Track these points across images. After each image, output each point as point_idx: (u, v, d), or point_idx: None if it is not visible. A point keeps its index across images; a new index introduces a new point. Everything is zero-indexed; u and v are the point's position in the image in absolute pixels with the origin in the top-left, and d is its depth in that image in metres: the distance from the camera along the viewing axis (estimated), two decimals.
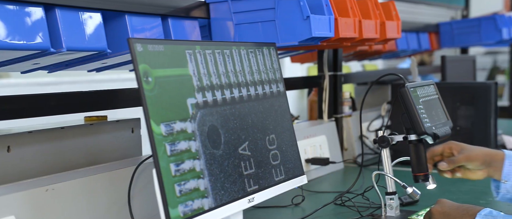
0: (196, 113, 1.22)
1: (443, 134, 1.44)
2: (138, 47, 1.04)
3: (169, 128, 1.14)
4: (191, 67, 1.24)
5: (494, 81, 2.15)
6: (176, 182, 1.13)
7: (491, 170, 1.45)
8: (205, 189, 1.21)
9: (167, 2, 1.48)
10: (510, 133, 3.09)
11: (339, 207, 1.69)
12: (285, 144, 1.55)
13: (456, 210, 1.34)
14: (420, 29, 3.33)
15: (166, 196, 1.07)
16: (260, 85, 1.48)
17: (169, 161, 1.12)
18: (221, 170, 1.27)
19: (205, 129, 1.25)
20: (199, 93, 1.25)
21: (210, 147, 1.25)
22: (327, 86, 2.34)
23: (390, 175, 1.50)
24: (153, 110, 1.10)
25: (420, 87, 1.48)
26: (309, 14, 1.55)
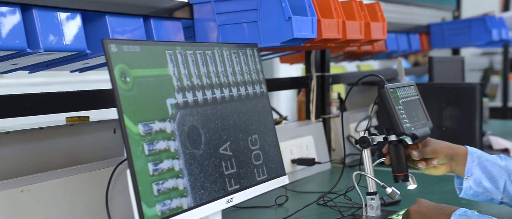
0: (176, 113, 1.23)
1: (422, 134, 1.45)
2: (112, 47, 1.05)
3: (148, 128, 1.15)
4: (171, 68, 1.25)
5: (479, 82, 2.16)
6: (154, 181, 1.14)
7: (454, 164, 1.47)
8: (184, 189, 1.22)
9: (149, 2, 1.49)
10: (502, 133, 3.11)
11: (322, 207, 1.70)
12: (268, 144, 1.56)
13: (432, 210, 1.35)
14: (411, 30, 3.35)
15: (140, 196, 1.07)
16: (242, 86, 1.49)
17: (147, 160, 1.13)
18: (201, 170, 1.28)
19: (185, 129, 1.25)
20: (179, 93, 1.26)
21: (190, 147, 1.26)
22: (315, 87, 2.35)
23: (370, 175, 1.52)
24: (131, 109, 1.11)
25: (400, 88, 1.49)
26: (291, 15, 1.56)
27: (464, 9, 5.39)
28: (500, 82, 5.84)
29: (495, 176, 1.46)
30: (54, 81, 3.70)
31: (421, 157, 1.45)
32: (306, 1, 1.66)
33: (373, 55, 3.17)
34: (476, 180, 1.46)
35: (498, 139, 2.51)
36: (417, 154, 1.45)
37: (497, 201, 1.48)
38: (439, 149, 1.45)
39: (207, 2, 1.63)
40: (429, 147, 1.46)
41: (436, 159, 1.46)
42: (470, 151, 1.48)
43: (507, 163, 1.47)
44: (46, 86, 3.68)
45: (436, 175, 1.51)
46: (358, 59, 3.21)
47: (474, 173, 1.46)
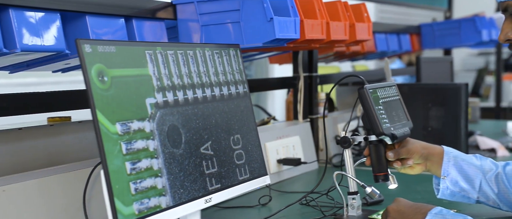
0: (155, 112, 1.24)
1: (402, 135, 1.46)
2: (86, 48, 1.06)
3: (126, 127, 1.15)
4: (151, 68, 1.25)
5: (464, 83, 2.17)
6: (132, 180, 1.15)
7: (429, 164, 1.49)
8: (163, 187, 1.23)
9: (130, 3, 1.50)
10: (492, 133, 3.13)
11: (305, 207, 1.71)
12: (250, 144, 1.57)
13: (410, 208, 1.36)
14: (401, 30, 3.36)
15: (113, 195, 1.08)
16: (225, 86, 1.50)
17: (124, 159, 1.14)
18: (181, 169, 1.29)
19: (165, 128, 1.26)
20: (159, 93, 1.26)
21: (170, 146, 1.27)
22: (302, 87, 2.36)
23: (350, 175, 1.52)
24: (108, 109, 1.12)
25: (380, 88, 1.50)
26: (273, 16, 1.56)
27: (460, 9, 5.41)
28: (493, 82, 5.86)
29: (471, 176, 1.47)
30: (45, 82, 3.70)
31: (396, 157, 1.46)
32: (289, 2, 1.67)
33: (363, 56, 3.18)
34: (452, 180, 1.48)
35: (485, 139, 2.52)
36: (392, 155, 1.46)
37: (473, 200, 1.49)
38: (414, 149, 1.46)
39: (190, 2, 1.64)
40: (404, 147, 1.47)
41: (411, 159, 1.48)
42: (446, 151, 1.49)
43: (482, 162, 1.48)
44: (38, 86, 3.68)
45: (412, 174, 1.52)
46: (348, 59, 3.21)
47: (451, 173, 1.48)
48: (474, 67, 7.02)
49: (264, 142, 2.06)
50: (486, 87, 6.56)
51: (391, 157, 1.46)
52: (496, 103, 5.48)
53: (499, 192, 1.46)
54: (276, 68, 5.65)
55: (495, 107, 5.51)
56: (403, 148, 1.48)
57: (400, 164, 1.48)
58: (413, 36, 3.47)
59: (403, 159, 1.48)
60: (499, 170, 1.47)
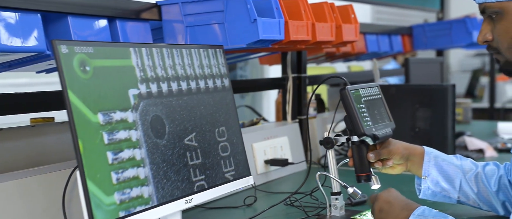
0: (138, 103, 1.26)
1: (383, 135, 1.47)
2: (62, 48, 1.06)
3: (108, 117, 1.17)
4: (134, 59, 1.27)
5: (451, 84, 2.18)
6: (113, 170, 1.16)
7: (410, 164, 1.50)
8: (145, 178, 1.24)
9: (114, 3, 1.50)
10: (483, 134, 3.14)
11: (290, 207, 1.71)
12: (236, 137, 1.58)
13: (399, 202, 1.37)
14: (393, 31, 3.37)
15: (87, 183, 1.09)
16: (210, 78, 1.51)
17: (106, 149, 1.15)
18: (164, 159, 1.30)
19: (148, 118, 1.28)
20: (143, 84, 1.28)
21: (153, 137, 1.28)
22: (291, 88, 2.37)
23: (332, 176, 1.53)
24: (90, 98, 1.13)
25: (363, 89, 1.51)
26: (256, 17, 1.57)
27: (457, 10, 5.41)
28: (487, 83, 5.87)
29: (451, 176, 1.48)
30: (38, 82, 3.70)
31: (377, 158, 1.47)
32: (273, 3, 1.67)
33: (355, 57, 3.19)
34: (433, 180, 1.49)
35: (473, 140, 2.53)
36: (374, 155, 1.47)
37: (454, 200, 1.50)
38: (395, 150, 1.47)
39: (175, 3, 1.65)
40: (385, 148, 1.48)
41: (391, 160, 1.48)
42: (426, 151, 1.50)
43: (462, 162, 1.49)
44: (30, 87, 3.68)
45: (393, 174, 1.53)
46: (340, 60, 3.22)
47: (431, 173, 1.48)
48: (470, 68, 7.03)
49: (251, 142, 2.07)
50: (480, 88, 6.57)
51: (372, 158, 1.47)
52: (490, 104, 5.50)
53: (478, 192, 1.47)
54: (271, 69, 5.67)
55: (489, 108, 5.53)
56: (384, 149, 1.48)
57: (381, 165, 1.49)
58: (404, 37, 3.48)
59: (384, 159, 1.49)
60: (479, 170, 1.48)
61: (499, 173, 1.47)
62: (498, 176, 1.47)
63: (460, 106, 3.80)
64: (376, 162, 1.48)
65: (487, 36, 1.31)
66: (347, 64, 6.02)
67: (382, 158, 1.48)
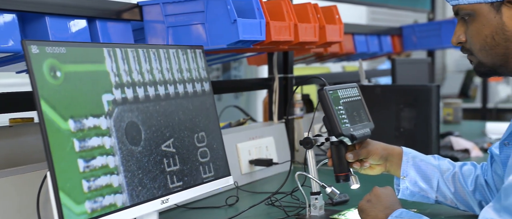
0: (113, 109, 1.25)
1: (361, 135, 1.48)
2: (33, 49, 1.07)
3: (79, 124, 1.16)
4: (109, 64, 1.26)
5: (436, 84, 2.19)
6: (85, 178, 1.15)
7: (388, 164, 1.51)
8: (119, 185, 1.23)
9: (94, 4, 1.51)
10: (471, 134, 3.15)
11: (272, 207, 1.72)
12: (216, 142, 1.58)
13: (386, 201, 1.39)
14: (382, 32, 3.37)
15: (59, 193, 1.09)
16: (190, 83, 1.51)
17: (77, 157, 1.14)
18: (139, 167, 1.29)
19: (123, 125, 1.27)
20: (118, 89, 1.27)
21: (128, 143, 1.27)
22: (277, 88, 2.38)
23: (311, 176, 1.54)
24: (61, 105, 1.12)
25: (342, 90, 1.51)
26: (236, 17, 1.58)
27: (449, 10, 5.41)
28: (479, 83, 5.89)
29: (429, 176, 1.49)
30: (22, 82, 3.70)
31: (356, 158, 1.48)
32: (254, 4, 1.68)
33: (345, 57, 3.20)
34: (411, 180, 1.50)
35: (459, 140, 2.54)
36: (352, 156, 1.47)
37: (432, 200, 1.51)
38: (373, 150, 1.48)
39: (156, 4, 1.65)
40: (364, 148, 1.49)
41: (368, 161, 1.49)
42: (405, 152, 1.51)
43: (440, 162, 1.50)
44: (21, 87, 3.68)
45: (372, 174, 1.54)
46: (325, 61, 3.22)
47: (410, 173, 1.49)
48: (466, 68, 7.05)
49: (236, 142, 2.08)
50: (474, 88, 6.59)
51: (350, 158, 1.48)
52: (482, 104, 5.51)
53: (455, 192, 1.48)
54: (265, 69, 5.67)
55: (481, 109, 5.54)
56: (363, 149, 1.49)
57: (359, 165, 1.49)
58: (394, 38, 3.49)
59: (363, 160, 1.50)
60: (456, 169, 1.49)
61: (475, 173, 1.48)
62: (474, 175, 1.48)
63: (451, 107, 3.81)
64: (355, 162, 1.49)
65: (461, 38, 1.32)
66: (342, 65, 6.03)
67: (360, 158, 1.49)
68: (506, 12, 1.23)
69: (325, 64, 5.66)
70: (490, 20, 1.24)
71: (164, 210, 1.68)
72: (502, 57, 1.26)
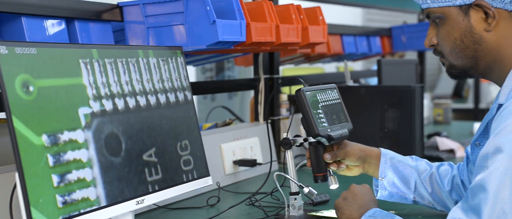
0: (91, 121, 1.23)
1: (339, 136, 1.48)
2: (1, 49, 1.06)
3: (54, 139, 1.14)
4: (85, 77, 1.24)
5: (420, 85, 2.20)
6: (59, 193, 1.14)
7: (366, 165, 1.52)
8: (96, 198, 1.22)
9: (73, 4, 1.51)
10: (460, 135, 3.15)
11: (252, 207, 1.72)
12: (199, 150, 1.57)
13: (361, 199, 1.40)
14: (371, 33, 3.38)
15: (30, 208, 1.07)
16: (171, 92, 1.50)
17: (50, 172, 1.12)
18: (120, 178, 1.28)
19: (102, 136, 1.26)
20: (96, 102, 1.25)
21: (108, 155, 1.26)
22: (262, 88, 2.38)
23: (288, 176, 1.54)
24: (33, 120, 1.10)
25: (320, 91, 1.52)
26: (215, 18, 1.58)
27: None
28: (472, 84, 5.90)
29: (406, 176, 1.50)
30: None
31: (333, 159, 1.49)
32: (235, 5, 1.69)
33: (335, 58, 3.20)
34: (389, 181, 1.50)
35: (445, 140, 2.55)
36: (330, 156, 1.48)
37: (410, 200, 1.52)
38: (351, 151, 1.49)
39: (136, 4, 1.66)
40: (342, 149, 1.49)
41: (346, 161, 1.50)
42: (383, 153, 1.51)
43: (417, 163, 1.51)
44: None
45: (350, 175, 1.55)
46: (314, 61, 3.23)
47: (387, 174, 1.50)
48: None
49: (220, 143, 2.08)
50: (467, 89, 6.60)
51: (328, 159, 1.48)
52: (474, 105, 5.52)
53: (432, 192, 1.49)
54: None
55: (473, 109, 5.55)
56: (340, 150, 1.50)
57: (336, 166, 1.50)
58: (384, 39, 3.50)
59: (340, 160, 1.50)
60: (433, 170, 1.50)
61: (452, 173, 1.49)
62: (451, 176, 1.49)
63: (441, 107, 3.82)
64: (332, 163, 1.50)
65: (433, 40, 1.33)
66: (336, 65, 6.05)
67: (338, 159, 1.50)
68: (474, 15, 1.25)
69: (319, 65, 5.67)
70: (459, 23, 1.26)
71: (145, 210, 1.69)
72: (471, 60, 1.27)
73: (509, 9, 1.23)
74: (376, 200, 1.43)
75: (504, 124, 1.10)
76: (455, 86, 6.72)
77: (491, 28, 1.23)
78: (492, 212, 1.06)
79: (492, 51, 1.25)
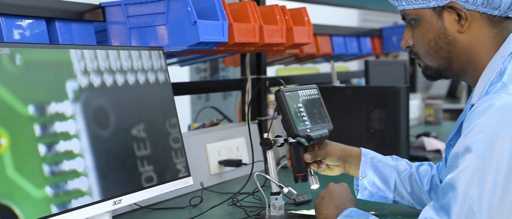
0: (78, 95, 1.27)
1: (318, 136, 1.48)
2: None
3: (40, 109, 1.18)
4: (73, 53, 1.28)
5: (405, 86, 2.20)
6: (46, 162, 1.17)
7: (347, 165, 1.52)
8: (84, 170, 1.25)
9: (53, 4, 1.51)
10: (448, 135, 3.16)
11: (235, 207, 1.73)
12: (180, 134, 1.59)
13: (338, 199, 1.40)
14: (362, 33, 3.39)
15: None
16: (161, 72, 1.53)
17: (37, 141, 1.16)
18: (108, 151, 1.32)
19: (91, 109, 1.29)
20: (85, 76, 1.29)
21: (97, 128, 1.29)
22: (249, 89, 2.38)
23: (268, 176, 1.55)
24: (20, 90, 1.14)
25: (301, 91, 1.52)
26: (196, 19, 1.59)
27: None
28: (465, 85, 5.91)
29: (386, 176, 1.50)
30: None
31: (314, 159, 1.49)
32: (217, 6, 1.69)
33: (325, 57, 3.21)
34: (369, 181, 1.51)
35: (432, 140, 2.56)
36: (310, 156, 1.48)
37: (390, 200, 1.52)
38: (331, 151, 1.49)
39: (117, 5, 1.66)
40: (322, 149, 1.50)
41: (326, 161, 1.50)
42: (363, 153, 1.52)
43: (397, 163, 1.52)
44: None
45: (331, 175, 1.55)
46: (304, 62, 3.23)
47: (368, 174, 1.51)
48: None
49: (205, 143, 2.09)
50: (460, 90, 6.61)
51: (308, 159, 1.49)
52: None
53: (412, 191, 1.50)
54: None
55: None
56: (321, 150, 1.50)
57: (316, 166, 1.50)
58: (374, 39, 3.50)
59: (321, 160, 1.51)
60: (413, 170, 1.51)
61: (431, 173, 1.49)
62: (430, 175, 1.49)
63: (432, 107, 3.83)
64: (312, 163, 1.50)
65: (409, 42, 1.33)
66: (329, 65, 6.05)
67: (318, 159, 1.50)
68: (447, 17, 1.25)
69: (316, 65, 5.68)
70: (433, 25, 1.26)
71: (127, 211, 1.69)
72: (446, 61, 1.28)
73: (481, 11, 1.23)
74: (353, 199, 1.44)
75: (474, 123, 1.11)
76: (449, 87, 6.73)
77: (464, 30, 1.24)
78: (461, 211, 1.07)
79: (466, 53, 1.26)
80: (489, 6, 1.23)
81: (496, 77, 1.19)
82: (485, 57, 1.24)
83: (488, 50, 1.24)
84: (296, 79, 2.96)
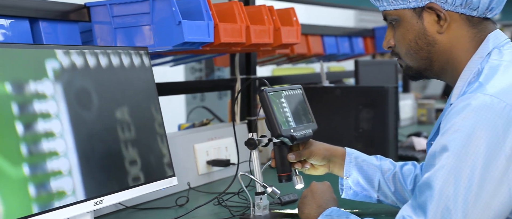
0: (60, 74, 1.26)
1: (302, 136, 1.49)
2: None
3: (19, 88, 1.17)
4: None
5: (393, 86, 2.21)
6: (24, 141, 1.16)
7: (331, 165, 1.53)
8: (64, 151, 1.24)
9: (36, 4, 1.51)
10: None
11: (221, 207, 1.73)
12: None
13: (320, 198, 1.41)
14: (354, 33, 3.39)
15: None
16: (146, 56, 1.53)
17: (15, 120, 1.15)
18: (90, 133, 1.30)
19: (72, 89, 1.28)
20: (66, 56, 1.28)
21: (79, 108, 1.28)
22: (239, 89, 2.38)
23: (252, 176, 1.55)
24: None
25: (285, 91, 1.53)
26: (181, 19, 1.59)
27: None
28: None
29: (370, 175, 1.51)
30: None
31: (298, 159, 1.49)
32: (203, 6, 1.69)
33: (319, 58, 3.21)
34: (354, 180, 1.51)
35: (421, 140, 2.56)
36: (294, 156, 1.49)
37: (374, 199, 1.53)
38: (315, 151, 1.50)
39: (103, 5, 1.66)
40: (307, 149, 1.50)
41: (311, 161, 1.51)
42: (347, 152, 1.52)
43: (381, 162, 1.52)
44: None
45: (316, 175, 1.56)
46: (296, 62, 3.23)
47: (352, 173, 1.51)
48: None
49: (193, 143, 2.09)
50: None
51: (292, 159, 1.49)
52: None
53: (396, 191, 1.50)
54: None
55: None
56: (305, 150, 1.51)
57: (300, 166, 1.51)
58: (367, 40, 3.51)
59: (305, 160, 1.51)
60: (397, 169, 1.51)
61: (415, 172, 1.50)
62: (414, 175, 1.49)
63: (424, 107, 3.83)
64: (296, 163, 1.50)
65: (390, 42, 1.34)
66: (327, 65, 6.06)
67: (303, 158, 1.50)
68: (427, 17, 1.26)
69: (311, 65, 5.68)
70: (413, 26, 1.27)
71: (113, 211, 1.69)
72: (426, 61, 1.28)
73: (460, 12, 1.24)
74: (335, 198, 1.44)
75: (451, 123, 1.11)
76: (444, 87, 6.73)
77: (443, 30, 1.25)
78: (437, 209, 1.07)
79: (445, 53, 1.26)
80: (467, 7, 1.23)
81: (473, 77, 1.19)
82: (464, 58, 1.24)
83: (467, 51, 1.24)
84: (287, 79, 2.96)
